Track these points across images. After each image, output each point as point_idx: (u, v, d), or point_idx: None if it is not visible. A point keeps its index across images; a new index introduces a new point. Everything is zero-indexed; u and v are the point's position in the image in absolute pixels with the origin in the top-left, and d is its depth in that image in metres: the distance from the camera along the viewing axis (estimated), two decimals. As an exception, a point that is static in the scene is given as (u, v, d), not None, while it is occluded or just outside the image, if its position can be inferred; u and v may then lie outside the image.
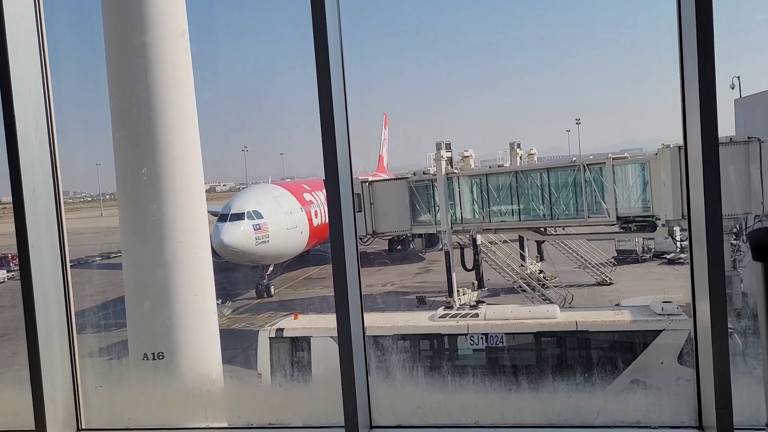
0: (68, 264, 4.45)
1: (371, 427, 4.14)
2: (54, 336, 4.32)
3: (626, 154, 29.14)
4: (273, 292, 34.62)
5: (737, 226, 23.05)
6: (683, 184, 3.77)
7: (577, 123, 69.43)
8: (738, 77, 29.98)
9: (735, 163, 22.49)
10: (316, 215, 37.51)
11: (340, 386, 3.84)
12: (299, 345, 20.20)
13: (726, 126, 26.07)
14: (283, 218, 34.01)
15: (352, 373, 3.75)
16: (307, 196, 38.21)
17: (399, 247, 45.42)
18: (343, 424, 3.82)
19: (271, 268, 34.58)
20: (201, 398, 5.36)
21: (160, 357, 8.04)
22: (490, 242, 31.96)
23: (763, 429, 3.44)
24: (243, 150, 67.01)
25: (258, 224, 32.01)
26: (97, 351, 23.41)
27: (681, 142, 3.84)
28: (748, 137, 22.83)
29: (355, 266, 3.88)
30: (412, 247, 41.21)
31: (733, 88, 30.11)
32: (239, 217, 31.55)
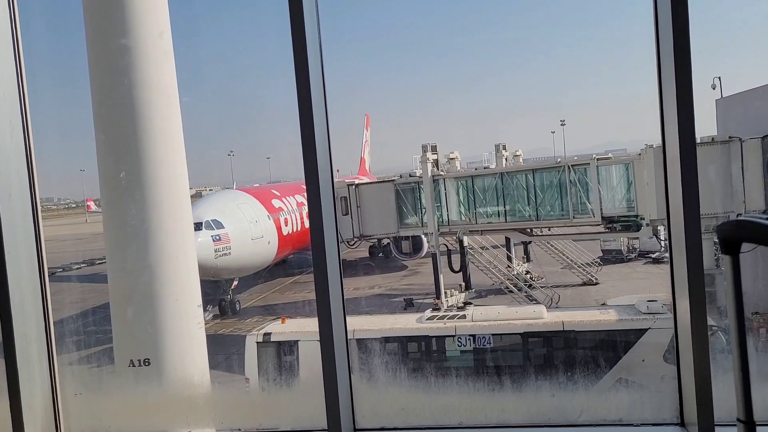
0: (46, 271, 4.39)
1: (355, 429, 4.12)
2: (32, 344, 4.26)
3: (610, 155, 29.40)
4: (239, 308, 32.37)
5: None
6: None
7: (561, 124, 70.00)
8: (719, 77, 30.39)
9: (716, 163, 22.78)
10: (286, 223, 34.93)
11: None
12: (287, 349, 20.11)
13: (708, 126, 26.42)
14: (247, 227, 31.72)
15: (335, 376, 3.74)
16: (276, 203, 35.65)
17: (380, 254, 43.76)
18: (326, 427, 3.80)
19: (235, 283, 32.35)
20: (186, 404, 5.31)
21: (146, 363, 7.96)
22: (481, 247, 32.04)
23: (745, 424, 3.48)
24: (229, 154, 66.78)
25: (218, 235, 29.68)
26: (84, 359, 23.20)
27: (664, 143, 3.87)
28: (729, 137, 23.14)
29: (337, 269, 3.87)
30: (393, 254, 39.74)
31: (714, 89, 30.52)
32: (196, 227, 28.01)
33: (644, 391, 4.39)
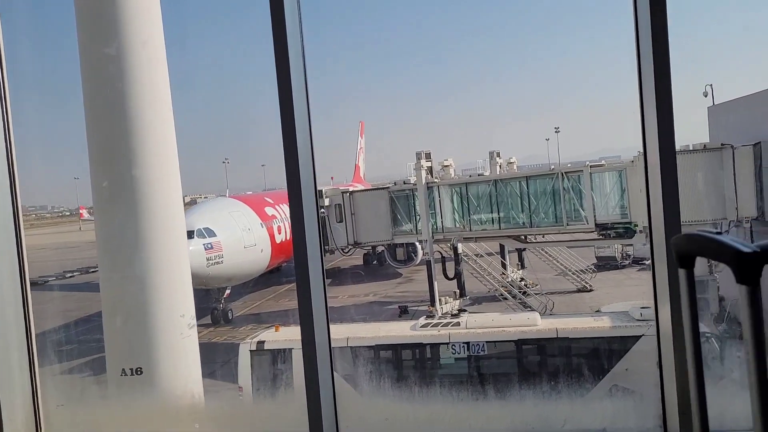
0: (27, 280, 4.35)
1: None
2: (13, 354, 4.22)
3: (603, 162, 29.53)
4: (232, 317, 32.06)
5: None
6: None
7: (556, 131, 70.32)
8: (711, 85, 30.64)
9: (709, 170, 22.90)
10: (279, 231, 34.73)
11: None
12: (281, 357, 20.02)
13: (700, 133, 26.58)
14: (239, 235, 31.52)
15: (317, 385, 3.72)
16: (270, 210, 35.63)
17: (375, 262, 43.69)
18: (309, 437, 3.78)
19: (228, 291, 32.07)
20: (178, 413, 5.28)
21: (139, 372, 7.91)
22: (476, 254, 32.07)
23: None
24: (224, 162, 66.82)
25: (210, 243, 29.40)
26: (76, 368, 23.08)
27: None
28: (721, 144, 23.27)
29: (320, 276, 3.86)
30: (388, 262, 39.61)
31: (706, 96, 30.78)
32: (188, 235, 26.70)
33: (628, 399, 4.38)
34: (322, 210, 31.17)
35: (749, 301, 1.50)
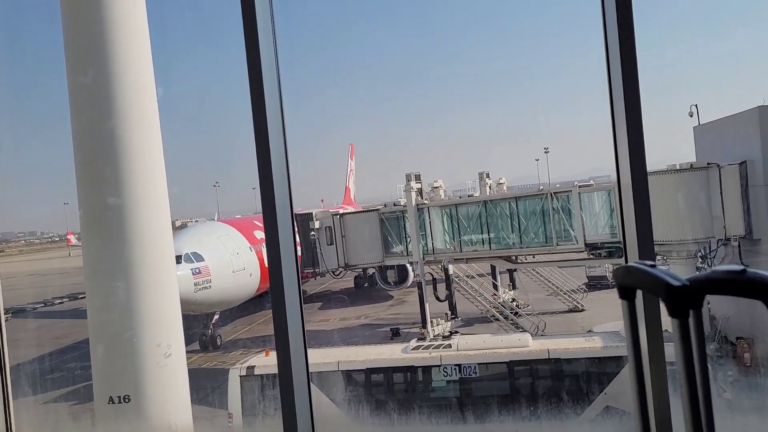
0: (2, 311, 4.29)
1: None
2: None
3: (592, 182, 29.72)
4: (220, 343, 31.68)
5: (701, 250, 23.55)
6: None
7: (545, 152, 70.93)
8: (696, 105, 31.02)
9: (696, 189, 23.09)
10: None
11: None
12: (272, 382, 19.80)
13: (687, 152, 26.87)
14: (228, 260, 31.28)
15: (294, 409, 3.68)
16: (259, 234, 34.51)
17: (366, 284, 43.51)
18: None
19: (216, 316, 31.75)
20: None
21: (126, 400, 7.80)
22: (467, 275, 32.05)
23: None
24: (215, 185, 66.82)
25: (198, 268, 29.04)
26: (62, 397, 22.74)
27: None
28: (708, 163, 23.50)
29: (297, 300, 3.84)
30: (379, 284, 38.97)
31: (691, 116, 31.13)
32: (176, 260, 27.26)
33: (618, 420, 4.36)
34: (313, 233, 31.17)
35: (680, 335, 1.44)
